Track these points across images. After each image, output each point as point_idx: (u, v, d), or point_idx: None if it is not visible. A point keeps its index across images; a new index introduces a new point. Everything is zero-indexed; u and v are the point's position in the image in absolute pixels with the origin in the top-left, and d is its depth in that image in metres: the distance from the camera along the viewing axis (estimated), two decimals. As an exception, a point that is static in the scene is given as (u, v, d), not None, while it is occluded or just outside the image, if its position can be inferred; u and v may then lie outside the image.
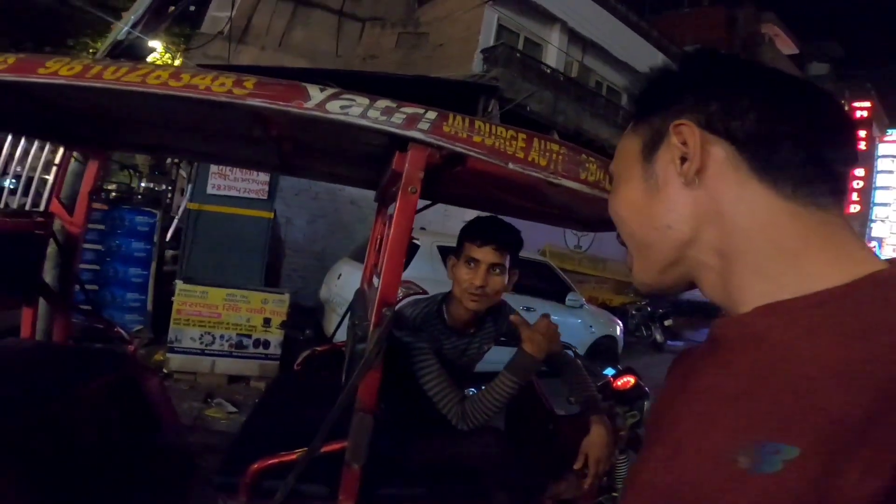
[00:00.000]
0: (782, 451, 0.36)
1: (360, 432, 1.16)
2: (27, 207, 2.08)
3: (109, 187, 6.68)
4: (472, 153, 1.05)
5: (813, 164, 0.47)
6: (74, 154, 2.29)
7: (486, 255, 1.53)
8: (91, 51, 8.91)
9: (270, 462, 1.21)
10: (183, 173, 7.46)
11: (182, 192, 7.37)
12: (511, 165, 1.06)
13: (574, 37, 12.25)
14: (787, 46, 22.41)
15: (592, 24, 12.15)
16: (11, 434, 1.63)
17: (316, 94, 1.04)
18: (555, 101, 11.16)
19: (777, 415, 0.37)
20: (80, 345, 2.37)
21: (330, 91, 1.05)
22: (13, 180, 4.77)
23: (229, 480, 1.30)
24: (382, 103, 1.06)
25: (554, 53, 12.00)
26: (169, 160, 7.33)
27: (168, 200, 7.93)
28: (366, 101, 1.05)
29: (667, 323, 8.90)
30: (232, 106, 1.02)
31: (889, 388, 0.34)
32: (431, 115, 1.06)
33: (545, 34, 11.93)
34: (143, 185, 8.61)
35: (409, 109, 1.07)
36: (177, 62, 9.79)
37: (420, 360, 1.44)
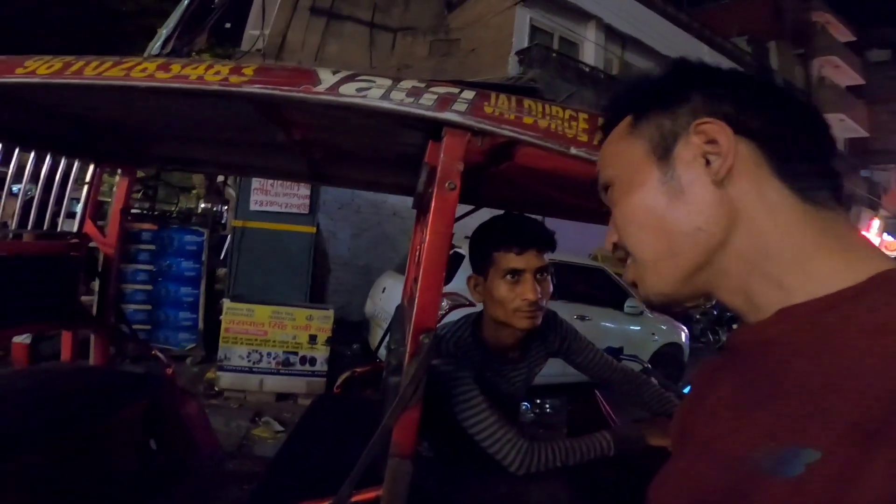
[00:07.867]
0: (803, 454, 0.36)
1: (397, 480, 0.96)
2: (59, 228, 2.04)
3: (169, 209, 6.90)
4: (523, 137, 0.83)
5: (819, 164, 0.47)
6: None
7: (529, 261, 1.28)
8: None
9: (292, 516, 1.02)
10: (232, 191, 7.63)
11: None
12: (574, 151, 0.84)
13: (611, 33, 11.79)
14: (841, 34, 20.75)
15: (629, 18, 11.66)
16: (47, 458, 1.56)
17: (327, 77, 0.85)
18: (597, 99, 10.71)
19: (795, 419, 0.37)
20: (118, 369, 2.35)
21: (344, 73, 0.87)
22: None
23: None
24: (408, 83, 0.86)
25: (592, 51, 11.60)
26: (220, 178, 7.47)
27: (222, 220, 8.11)
28: (387, 81, 0.86)
29: (735, 326, 8.26)
30: (230, 97, 0.86)
31: None
32: (469, 94, 0.86)
33: (580, 32, 11.57)
34: (202, 205, 8.81)
35: (441, 89, 0.87)
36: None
37: (462, 394, 1.19)
